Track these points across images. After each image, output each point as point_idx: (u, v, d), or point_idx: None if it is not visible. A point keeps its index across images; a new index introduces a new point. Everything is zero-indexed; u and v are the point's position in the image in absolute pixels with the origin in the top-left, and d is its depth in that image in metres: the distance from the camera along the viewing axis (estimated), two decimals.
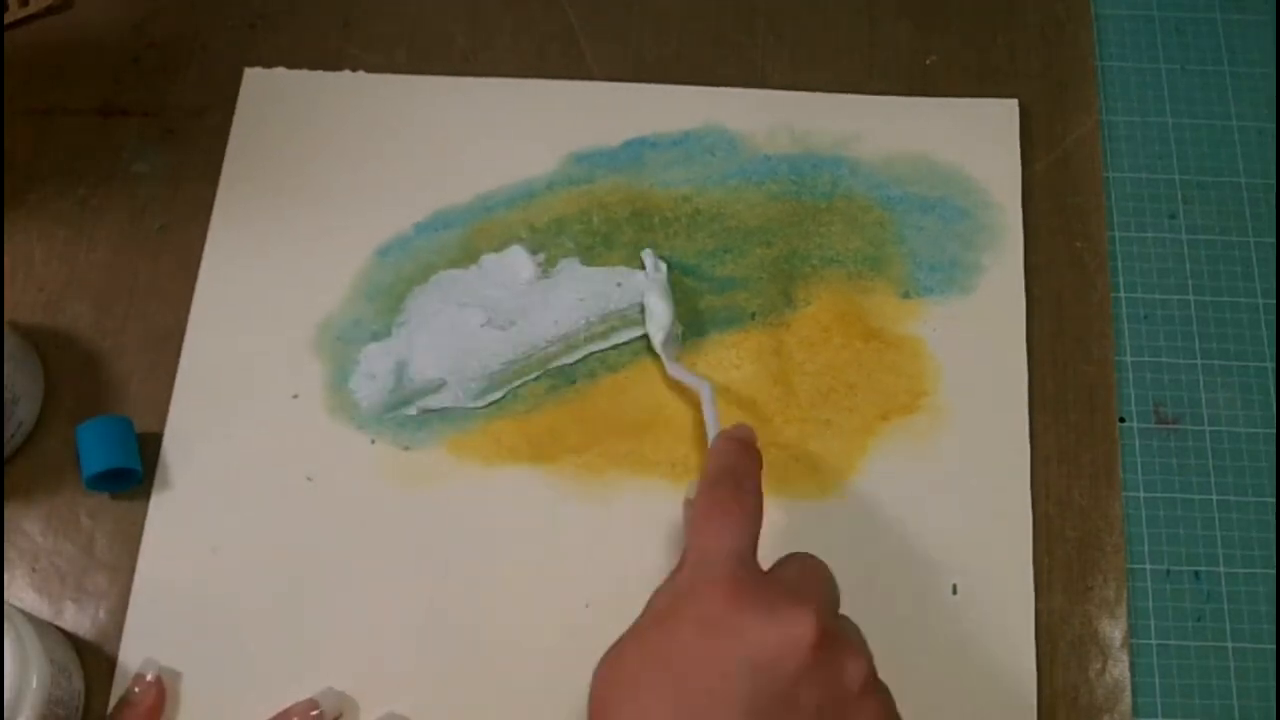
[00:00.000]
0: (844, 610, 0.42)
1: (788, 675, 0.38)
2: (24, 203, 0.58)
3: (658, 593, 0.43)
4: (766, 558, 0.42)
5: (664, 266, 0.56)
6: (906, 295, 0.56)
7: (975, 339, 0.55)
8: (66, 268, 0.57)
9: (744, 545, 0.42)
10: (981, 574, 0.51)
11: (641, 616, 0.42)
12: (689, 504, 0.47)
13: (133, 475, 0.52)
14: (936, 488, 0.52)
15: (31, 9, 0.61)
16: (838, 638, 0.40)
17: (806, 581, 0.42)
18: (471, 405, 0.53)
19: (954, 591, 0.50)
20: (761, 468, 0.45)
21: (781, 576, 0.42)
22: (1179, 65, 0.61)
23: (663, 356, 0.54)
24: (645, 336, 0.55)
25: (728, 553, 0.41)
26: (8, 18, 0.60)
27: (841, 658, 0.40)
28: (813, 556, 0.43)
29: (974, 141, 0.58)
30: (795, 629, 0.39)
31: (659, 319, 0.54)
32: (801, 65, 0.61)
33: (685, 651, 0.39)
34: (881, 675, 0.47)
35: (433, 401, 0.54)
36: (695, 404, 0.53)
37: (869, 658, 0.41)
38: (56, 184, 0.58)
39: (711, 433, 0.49)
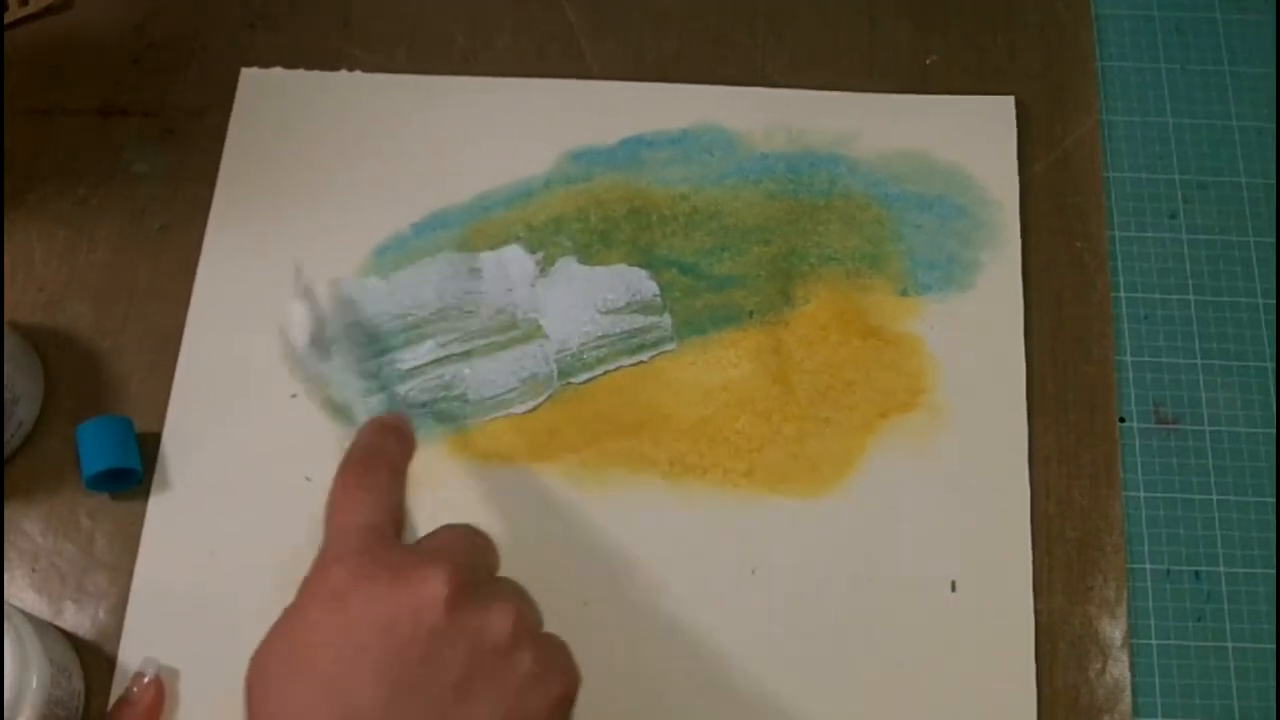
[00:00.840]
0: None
1: (423, 637, 0.38)
2: (24, 203, 0.58)
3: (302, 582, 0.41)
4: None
5: (301, 274, 0.55)
6: (905, 293, 0.55)
7: (974, 336, 0.55)
8: (66, 268, 0.57)
9: (378, 519, 0.41)
10: (980, 571, 0.51)
11: (285, 610, 0.41)
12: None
13: (132, 475, 0.52)
14: (935, 485, 0.52)
15: (31, 9, 0.61)
16: (474, 593, 0.39)
17: (442, 545, 0.41)
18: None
19: (953, 589, 0.50)
20: (409, 449, 0.45)
21: (418, 545, 0.41)
22: (1179, 65, 0.61)
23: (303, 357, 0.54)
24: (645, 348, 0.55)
25: (359, 528, 0.41)
26: (8, 18, 0.61)
27: (482, 612, 0.39)
28: (464, 525, 0.42)
29: (971, 139, 0.58)
30: (424, 589, 0.38)
31: (294, 323, 0.54)
32: (802, 65, 0.61)
33: (315, 630, 0.38)
34: (881, 673, 0.47)
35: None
36: (694, 403, 0.53)
37: (520, 609, 0.40)
38: (56, 184, 0.58)
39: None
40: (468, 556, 0.41)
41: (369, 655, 0.37)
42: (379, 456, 0.44)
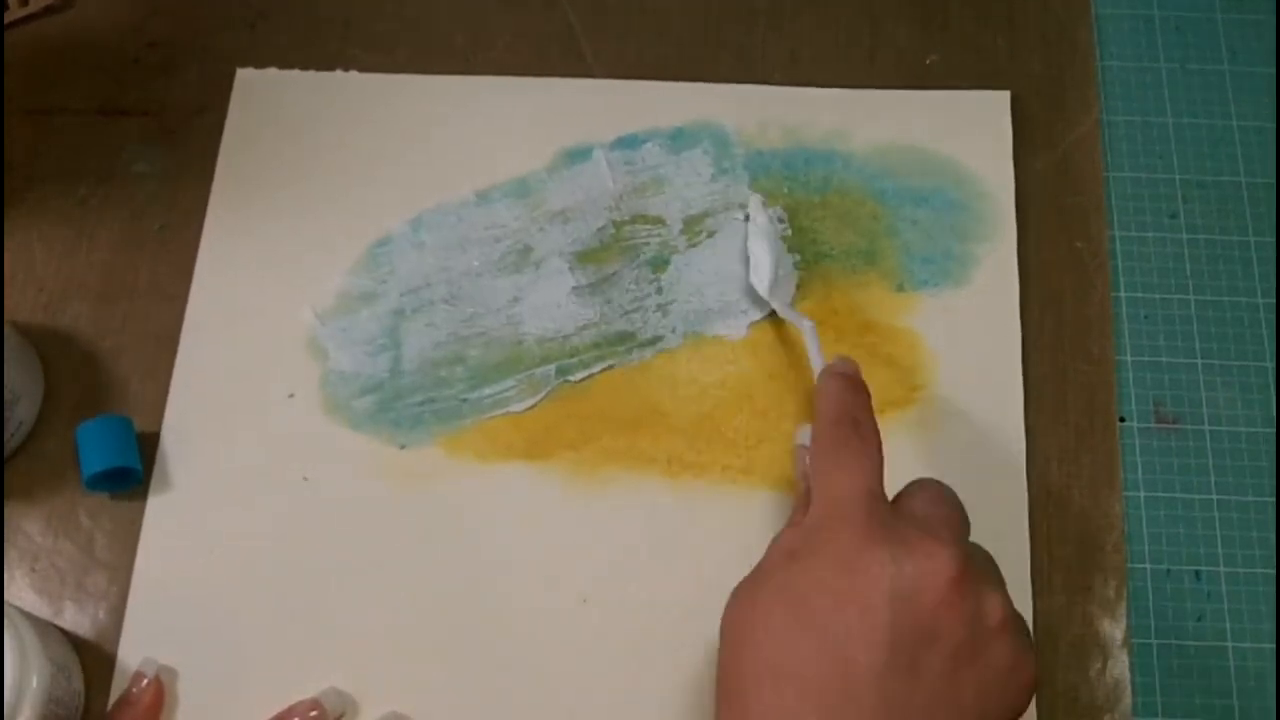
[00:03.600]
0: None
1: (927, 609, 0.39)
2: (24, 203, 0.58)
3: (782, 535, 0.43)
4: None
5: (769, 211, 0.56)
6: (901, 288, 0.55)
7: (970, 331, 0.55)
8: (66, 268, 0.57)
9: (873, 482, 0.43)
10: None
11: (767, 559, 0.42)
12: (802, 449, 0.47)
13: (132, 475, 0.52)
14: (933, 478, 0.52)
15: (31, 9, 0.61)
16: (976, 573, 0.40)
17: (939, 514, 0.42)
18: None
19: None
20: (870, 398, 0.46)
21: (913, 511, 0.42)
22: (1179, 65, 0.61)
23: (771, 302, 0.54)
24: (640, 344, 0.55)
25: (858, 490, 0.42)
26: (8, 18, 0.61)
27: (980, 593, 0.40)
28: (938, 484, 0.44)
29: (966, 133, 0.58)
30: (934, 564, 0.39)
31: (759, 266, 0.54)
32: (802, 65, 0.61)
33: (824, 587, 0.39)
34: None
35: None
36: (692, 400, 0.53)
37: (1005, 592, 0.41)
38: (56, 184, 0.58)
39: (817, 368, 0.49)
40: (962, 527, 0.42)
41: (873, 619, 0.38)
42: (864, 414, 0.45)
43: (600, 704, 0.49)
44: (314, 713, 0.48)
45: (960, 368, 0.54)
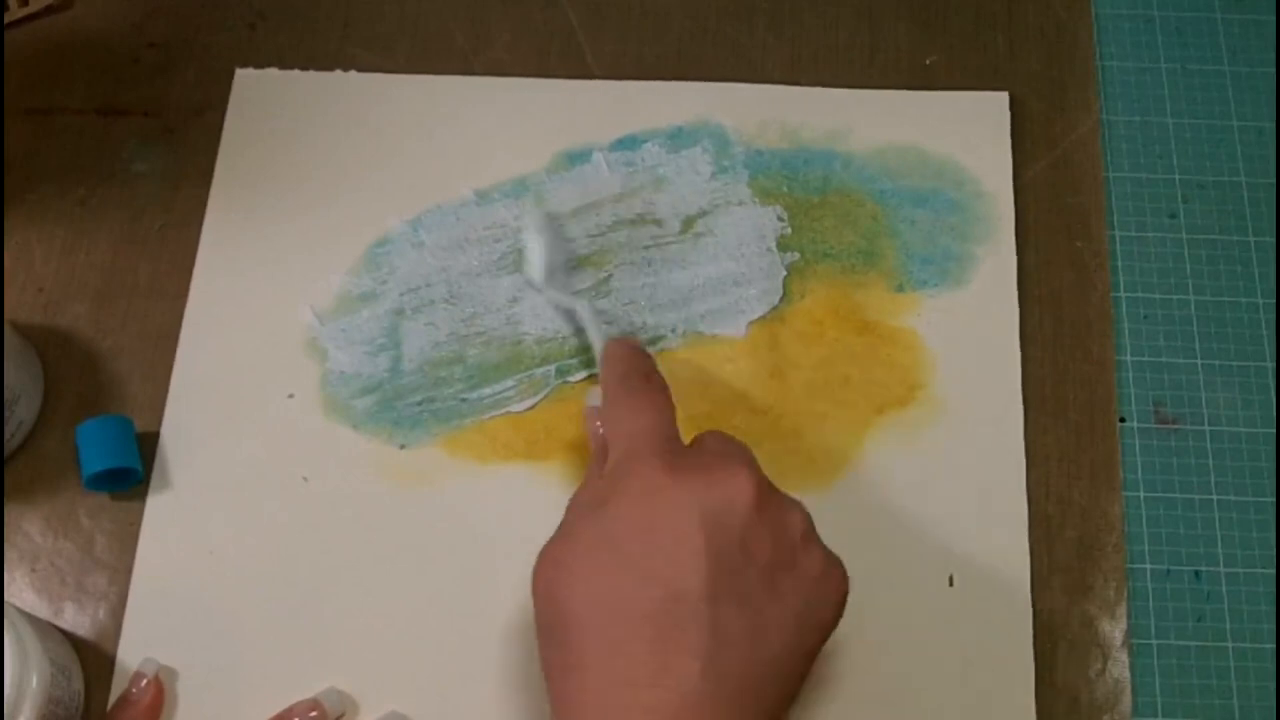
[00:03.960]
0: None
1: (737, 528, 0.40)
2: (24, 203, 0.58)
3: (581, 491, 0.44)
4: None
5: (533, 209, 0.57)
6: (900, 288, 0.55)
7: (969, 331, 0.55)
8: (66, 268, 0.57)
9: (667, 425, 0.44)
10: (978, 564, 0.51)
11: (570, 514, 0.43)
12: (591, 410, 0.48)
13: (132, 475, 0.52)
14: (931, 479, 0.52)
15: (31, 9, 0.61)
16: (774, 492, 0.42)
17: (730, 448, 0.44)
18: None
19: (950, 583, 0.50)
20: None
21: (706, 447, 0.43)
22: (1179, 65, 0.61)
23: (545, 292, 0.55)
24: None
25: (654, 429, 0.43)
26: (8, 18, 0.61)
27: (781, 510, 0.42)
28: (725, 433, 0.45)
29: (965, 134, 0.58)
30: (736, 483, 0.41)
31: (530, 257, 0.55)
32: (802, 66, 0.61)
33: (635, 525, 0.40)
34: (880, 670, 0.47)
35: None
36: (691, 398, 0.53)
37: (805, 511, 0.42)
38: (56, 184, 0.58)
39: (598, 345, 0.51)
40: (754, 458, 0.43)
41: (689, 544, 0.40)
42: (651, 370, 0.47)
43: None
44: (314, 713, 0.48)
45: (960, 368, 0.54)
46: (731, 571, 0.40)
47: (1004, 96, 0.59)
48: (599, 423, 0.46)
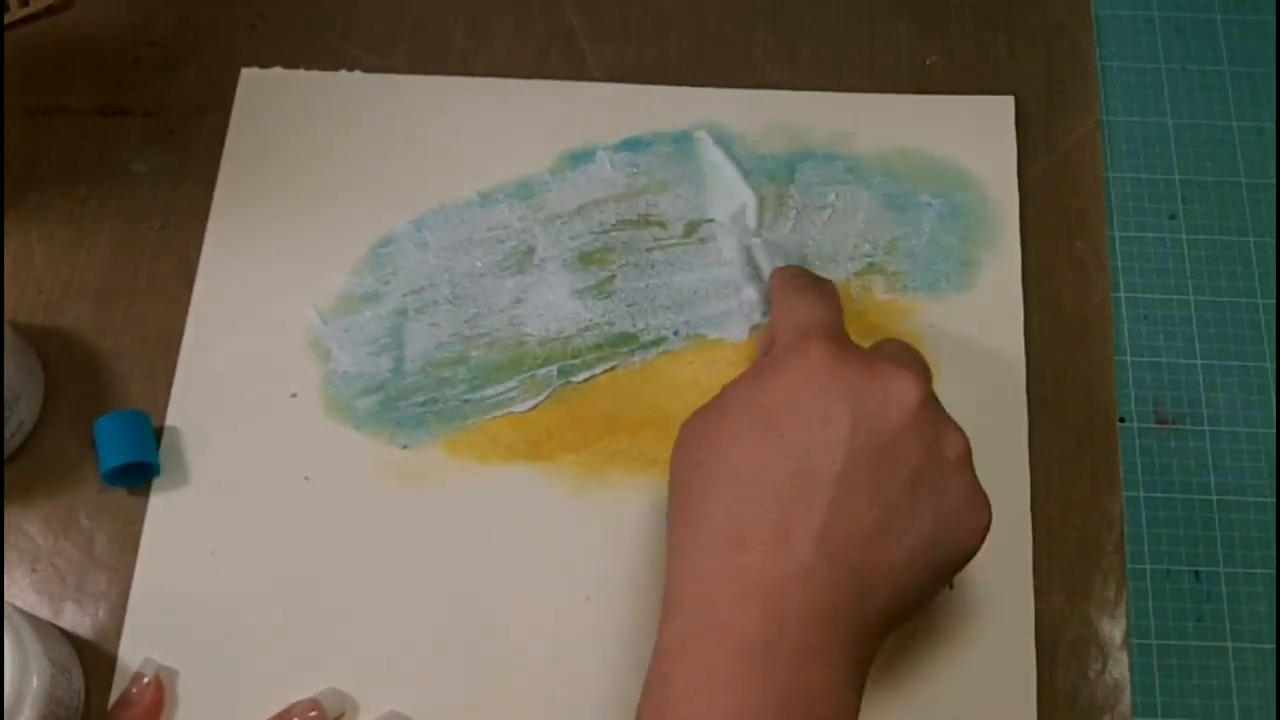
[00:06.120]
0: None
1: (890, 429, 0.40)
2: (24, 203, 0.58)
3: (744, 372, 0.44)
4: None
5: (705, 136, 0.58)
6: (904, 292, 0.56)
7: (973, 335, 0.55)
8: (66, 268, 0.57)
9: (837, 321, 0.44)
10: (980, 568, 0.50)
11: (727, 387, 0.43)
12: (763, 332, 0.50)
13: (149, 470, 0.52)
14: None
15: (31, 9, 0.61)
16: (939, 409, 0.42)
17: (907, 355, 0.44)
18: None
19: (950, 586, 0.50)
20: None
21: (883, 350, 0.44)
22: (1179, 65, 0.61)
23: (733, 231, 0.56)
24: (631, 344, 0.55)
25: (824, 321, 0.44)
26: (8, 18, 0.60)
27: (942, 427, 0.41)
28: (907, 343, 0.45)
29: (970, 138, 0.58)
30: (900, 386, 0.41)
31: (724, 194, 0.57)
32: (802, 66, 0.61)
33: (789, 397, 0.41)
34: (880, 671, 0.47)
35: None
36: (695, 401, 0.53)
37: (967, 441, 0.42)
38: (56, 184, 0.58)
39: (767, 272, 0.53)
40: (928, 370, 0.44)
41: (834, 429, 0.40)
42: (818, 277, 0.48)
43: (601, 704, 0.49)
44: (313, 713, 0.48)
45: (963, 372, 0.54)
46: (872, 467, 0.40)
47: (1009, 101, 0.59)
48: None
